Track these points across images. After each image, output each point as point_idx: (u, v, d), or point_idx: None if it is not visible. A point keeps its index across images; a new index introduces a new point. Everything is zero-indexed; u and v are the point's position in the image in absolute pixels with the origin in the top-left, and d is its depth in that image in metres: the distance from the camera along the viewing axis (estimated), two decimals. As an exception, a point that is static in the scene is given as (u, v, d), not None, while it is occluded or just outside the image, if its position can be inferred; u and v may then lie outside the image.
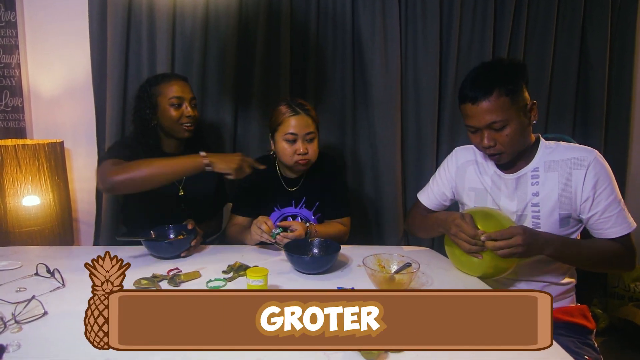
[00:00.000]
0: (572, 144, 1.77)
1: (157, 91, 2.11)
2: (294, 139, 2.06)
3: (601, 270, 1.91)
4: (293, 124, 2.06)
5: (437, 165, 2.14)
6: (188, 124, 2.11)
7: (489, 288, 1.63)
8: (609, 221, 1.63)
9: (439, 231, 1.85)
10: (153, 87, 2.12)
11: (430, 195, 2.06)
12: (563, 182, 1.67)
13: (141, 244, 1.88)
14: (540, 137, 1.78)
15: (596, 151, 1.67)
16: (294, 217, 2.23)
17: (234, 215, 2.27)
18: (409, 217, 2.17)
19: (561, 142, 1.76)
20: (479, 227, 1.61)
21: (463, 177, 1.94)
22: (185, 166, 1.87)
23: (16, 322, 1.26)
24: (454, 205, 2.08)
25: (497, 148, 1.66)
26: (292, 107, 2.09)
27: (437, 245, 2.84)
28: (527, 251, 1.54)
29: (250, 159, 1.97)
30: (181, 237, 1.93)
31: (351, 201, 2.41)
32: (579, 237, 1.79)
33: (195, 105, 2.17)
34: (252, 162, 1.96)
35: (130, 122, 2.21)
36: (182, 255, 1.87)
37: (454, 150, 2.02)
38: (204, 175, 1.94)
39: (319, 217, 2.26)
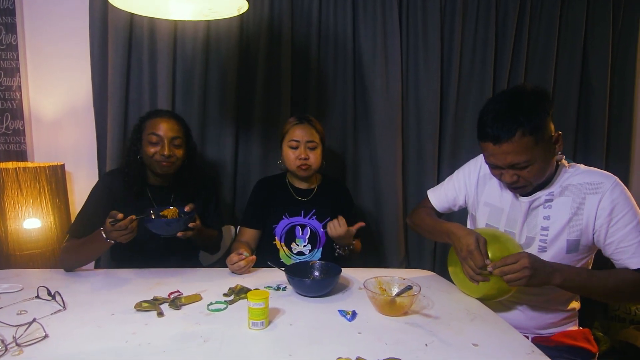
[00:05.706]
0: (592, 168, 1.67)
1: (144, 125, 2.12)
2: (296, 146, 2.25)
3: (620, 302, 1.80)
4: (297, 132, 2.26)
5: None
6: (163, 162, 2.07)
7: (490, 310, 1.62)
8: (629, 250, 1.52)
9: (446, 241, 1.77)
10: (144, 121, 2.14)
11: (442, 197, 2.01)
12: (575, 207, 1.60)
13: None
14: (561, 162, 1.69)
15: (615, 177, 1.59)
16: (303, 226, 2.29)
17: (241, 227, 2.35)
18: (416, 213, 2.08)
19: (581, 166, 1.69)
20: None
21: (482, 189, 1.87)
22: (93, 248, 1.88)
23: (17, 345, 1.26)
24: (462, 211, 2.03)
25: (519, 182, 1.60)
26: (298, 118, 2.31)
27: (439, 268, 2.84)
28: (534, 276, 1.45)
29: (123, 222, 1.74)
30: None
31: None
32: (589, 265, 1.72)
33: (178, 144, 2.11)
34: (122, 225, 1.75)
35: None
36: (178, 234, 1.87)
37: (480, 156, 1.88)
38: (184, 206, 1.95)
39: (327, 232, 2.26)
